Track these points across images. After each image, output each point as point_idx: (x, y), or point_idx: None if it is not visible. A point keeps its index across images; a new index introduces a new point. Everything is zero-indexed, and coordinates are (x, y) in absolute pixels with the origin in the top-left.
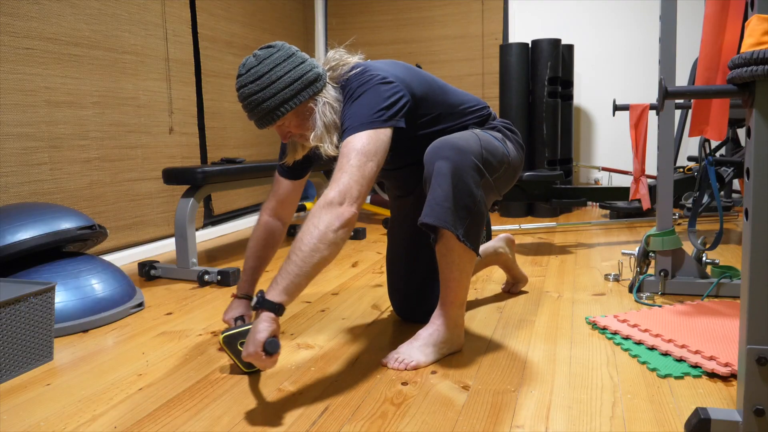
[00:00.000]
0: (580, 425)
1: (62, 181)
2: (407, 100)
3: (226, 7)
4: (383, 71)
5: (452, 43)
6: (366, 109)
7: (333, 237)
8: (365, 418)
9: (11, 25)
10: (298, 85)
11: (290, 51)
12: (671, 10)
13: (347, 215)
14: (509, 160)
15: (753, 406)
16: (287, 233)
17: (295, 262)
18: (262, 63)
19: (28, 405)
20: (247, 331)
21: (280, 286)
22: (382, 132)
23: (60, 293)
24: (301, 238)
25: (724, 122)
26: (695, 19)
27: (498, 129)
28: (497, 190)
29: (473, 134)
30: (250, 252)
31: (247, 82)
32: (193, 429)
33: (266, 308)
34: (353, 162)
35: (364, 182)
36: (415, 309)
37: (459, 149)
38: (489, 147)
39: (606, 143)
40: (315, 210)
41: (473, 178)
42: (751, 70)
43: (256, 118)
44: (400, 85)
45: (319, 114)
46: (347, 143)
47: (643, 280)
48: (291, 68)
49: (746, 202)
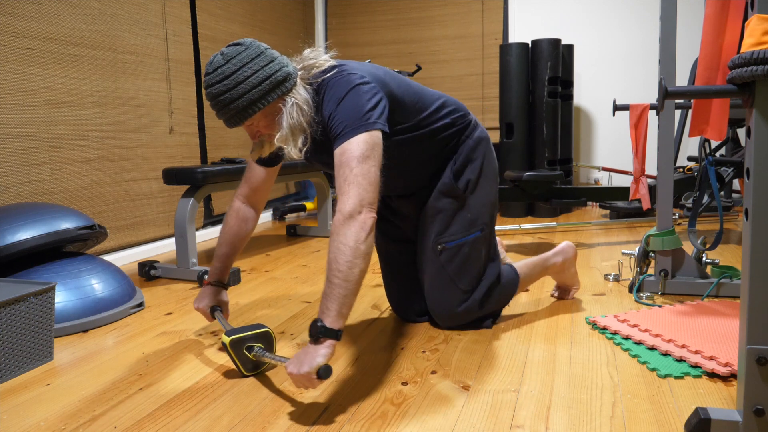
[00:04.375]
0: (580, 425)
1: (62, 181)
2: (386, 101)
3: (226, 7)
4: (359, 71)
5: (452, 43)
6: (353, 112)
7: (365, 248)
8: (365, 418)
9: (11, 25)
10: (266, 85)
11: (258, 49)
12: (671, 10)
13: (370, 221)
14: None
15: (753, 406)
16: (288, 234)
17: (339, 285)
18: (229, 62)
19: (28, 405)
20: (255, 335)
21: (333, 312)
22: (375, 134)
23: (60, 293)
24: (336, 259)
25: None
26: (695, 19)
27: (466, 155)
28: (491, 208)
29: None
30: (223, 239)
31: (214, 82)
32: (193, 429)
33: (329, 337)
34: (356, 171)
35: (371, 188)
36: (407, 309)
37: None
38: (476, 205)
39: (606, 143)
40: (337, 227)
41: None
42: (751, 70)
43: (225, 119)
44: (377, 85)
45: (286, 115)
46: (344, 151)
47: (643, 280)
48: (259, 68)
49: (746, 202)
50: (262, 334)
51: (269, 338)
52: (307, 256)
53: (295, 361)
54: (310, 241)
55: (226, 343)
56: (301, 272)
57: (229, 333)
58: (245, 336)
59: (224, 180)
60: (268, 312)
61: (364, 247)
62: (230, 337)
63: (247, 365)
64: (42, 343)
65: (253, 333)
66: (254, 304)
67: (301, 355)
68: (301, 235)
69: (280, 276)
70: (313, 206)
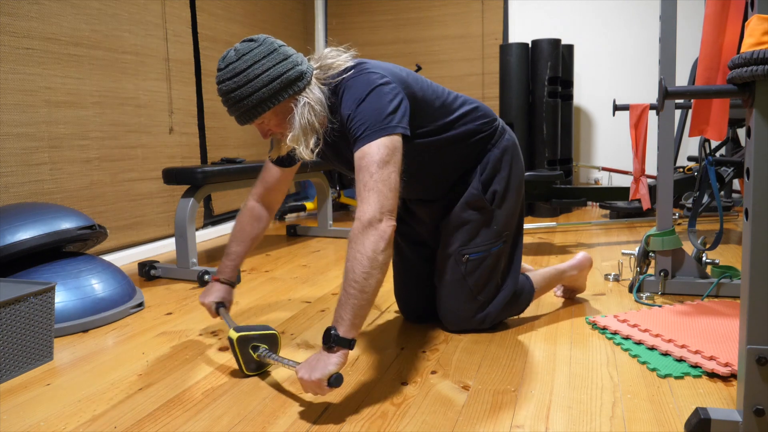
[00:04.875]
0: (580, 425)
1: (62, 181)
2: (407, 103)
3: (226, 7)
4: (380, 70)
5: (452, 43)
6: (374, 113)
7: (383, 258)
8: (365, 418)
9: (11, 25)
10: (277, 84)
11: (272, 46)
12: (671, 10)
13: (389, 231)
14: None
15: (753, 406)
16: (288, 234)
17: (354, 295)
18: (241, 59)
19: (28, 405)
20: (262, 336)
21: (347, 322)
22: (395, 138)
23: (60, 293)
24: (353, 269)
25: (724, 122)
26: (695, 19)
27: (501, 162)
28: (516, 217)
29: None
30: (235, 236)
31: (225, 78)
32: (193, 429)
33: (342, 346)
34: (376, 177)
35: (392, 194)
36: (413, 309)
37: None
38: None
39: (606, 143)
40: (355, 235)
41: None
42: (751, 70)
43: (235, 116)
44: (399, 86)
45: (298, 115)
46: (364, 156)
47: (643, 280)
48: (271, 65)
49: (746, 202)
50: (269, 336)
51: (275, 341)
52: (307, 256)
53: (307, 366)
54: (310, 241)
55: (233, 339)
56: (301, 272)
57: (237, 329)
58: (252, 335)
59: (224, 180)
60: (268, 312)
61: (383, 257)
62: (238, 334)
63: (250, 365)
64: (42, 343)
65: (261, 333)
66: (254, 304)
67: (313, 361)
68: (301, 235)
69: (280, 276)
70: (313, 206)
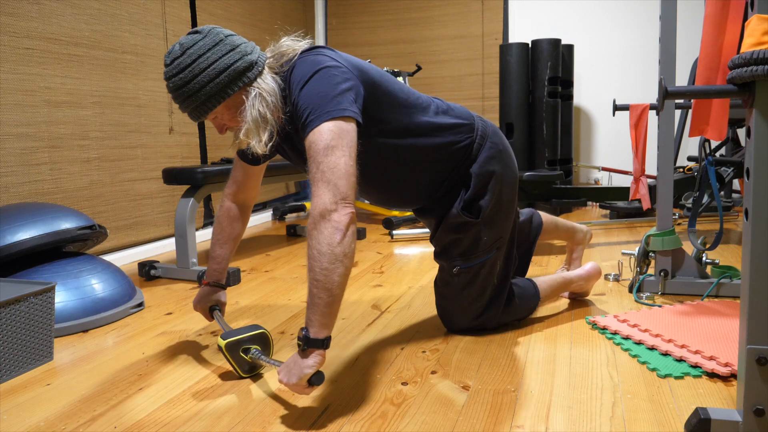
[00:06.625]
0: (580, 425)
1: (62, 181)
2: (361, 89)
3: (226, 7)
4: (330, 55)
5: (452, 43)
6: (318, 96)
7: (340, 250)
8: (365, 418)
9: (11, 25)
10: (225, 77)
11: (217, 37)
12: (671, 10)
13: (344, 220)
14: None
15: (753, 406)
16: (288, 234)
17: (318, 294)
18: (185, 53)
19: (28, 405)
20: (251, 337)
21: (316, 322)
22: (343, 122)
23: (60, 293)
24: (312, 267)
25: (724, 122)
26: (695, 19)
27: (483, 174)
28: (508, 219)
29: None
30: (217, 239)
31: (171, 75)
32: (193, 429)
33: (315, 347)
34: (323, 166)
35: (343, 181)
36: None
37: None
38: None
39: (606, 143)
40: (309, 231)
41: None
42: (751, 70)
43: (187, 112)
44: (352, 71)
45: (249, 107)
46: (309, 144)
47: (643, 280)
48: (217, 58)
49: (746, 202)
50: (259, 336)
51: (266, 339)
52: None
53: (285, 370)
54: None
55: (222, 346)
56: (301, 272)
57: (225, 336)
58: (241, 338)
59: (224, 180)
60: (268, 312)
61: (340, 249)
62: (226, 340)
63: (244, 367)
64: (42, 343)
65: (249, 335)
66: (254, 304)
67: (291, 365)
68: (301, 235)
69: (280, 276)
70: None
